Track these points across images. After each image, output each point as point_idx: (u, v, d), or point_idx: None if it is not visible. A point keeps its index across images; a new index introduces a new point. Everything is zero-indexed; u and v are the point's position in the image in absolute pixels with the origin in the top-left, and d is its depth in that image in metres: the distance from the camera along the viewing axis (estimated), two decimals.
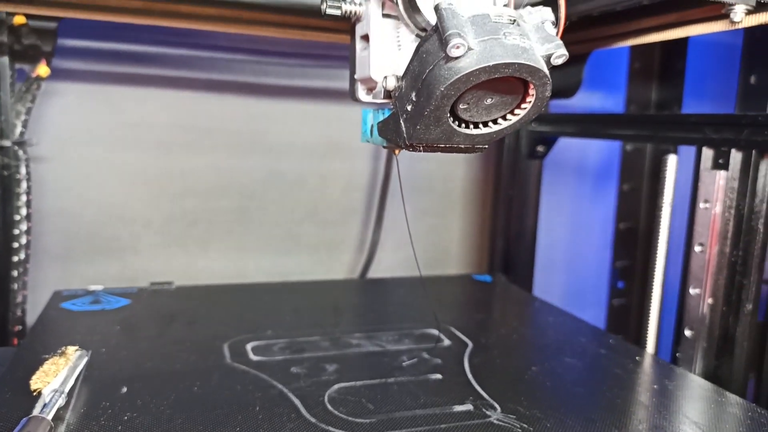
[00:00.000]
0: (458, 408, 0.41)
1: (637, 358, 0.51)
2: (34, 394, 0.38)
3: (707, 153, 0.52)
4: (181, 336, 0.52)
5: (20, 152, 0.68)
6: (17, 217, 0.68)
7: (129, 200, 0.77)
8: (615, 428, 0.39)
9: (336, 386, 0.43)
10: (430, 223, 0.91)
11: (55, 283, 0.74)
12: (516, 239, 0.87)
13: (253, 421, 0.38)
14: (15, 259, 0.68)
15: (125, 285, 0.68)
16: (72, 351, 0.43)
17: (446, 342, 0.53)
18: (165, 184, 0.78)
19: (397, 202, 0.88)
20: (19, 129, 0.68)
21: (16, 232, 0.68)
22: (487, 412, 0.40)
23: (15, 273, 0.68)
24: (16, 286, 0.68)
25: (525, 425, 0.39)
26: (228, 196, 0.81)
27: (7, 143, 0.67)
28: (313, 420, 0.38)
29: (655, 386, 0.45)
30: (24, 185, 0.68)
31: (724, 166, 0.50)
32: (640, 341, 0.64)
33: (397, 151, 0.41)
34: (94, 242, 0.76)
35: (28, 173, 0.69)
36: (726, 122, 0.50)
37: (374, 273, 0.88)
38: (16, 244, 0.68)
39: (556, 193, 0.95)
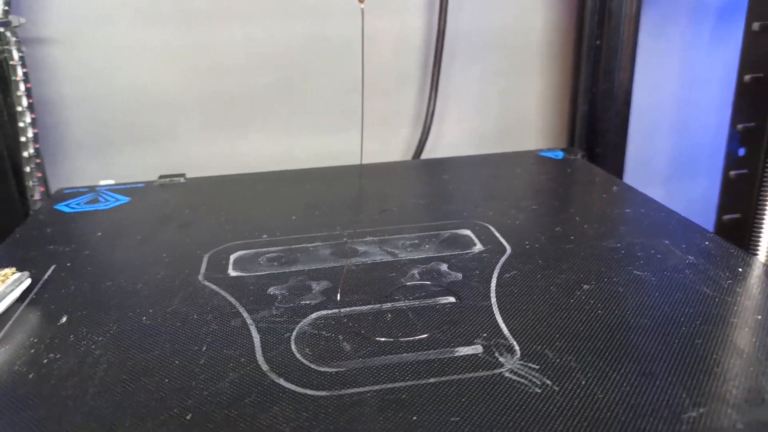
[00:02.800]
0: (462, 351, 0.30)
1: (740, 269, 0.37)
2: None
3: None
4: (163, 244, 0.45)
5: (7, 34, 0.61)
6: (19, 108, 0.62)
7: (159, 82, 0.68)
8: (684, 390, 0.27)
9: (313, 315, 0.34)
10: (498, 88, 0.75)
11: (93, 177, 0.69)
12: (603, 101, 0.70)
13: (189, 366, 0.30)
14: (25, 154, 0.63)
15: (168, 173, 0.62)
16: (4, 276, 0.36)
17: (477, 247, 0.42)
18: (195, 61, 0.68)
19: (459, 64, 0.73)
20: (1, 8, 0.60)
21: (21, 125, 0.62)
22: (500, 359, 0.29)
23: (27, 169, 0.63)
24: (31, 183, 0.64)
25: (548, 382, 0.27)
26: (266, 70, 0.70)
27: None
28: (264, 368, 0.30)
29: (759, 317, 0.32)
30: (20, 72, 0.61)
31: None
32: (756, 231, 0.48)
33: None
34: (129, 131, 0.70)
35: (22, 58, 0.61)
36: None
37: (434, 151, 0.76)
38: (23, 138, 0.63)
39: (661, 37, 0.75)
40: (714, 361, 0.28)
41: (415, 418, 0.26)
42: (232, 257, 0.42)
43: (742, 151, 0.70)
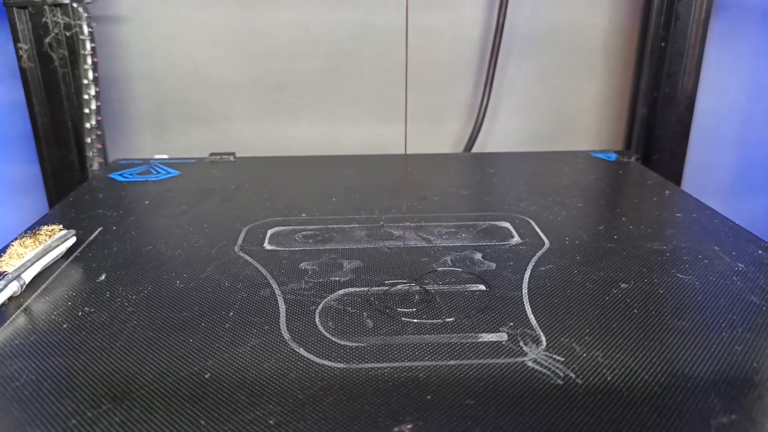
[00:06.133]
0: (486, 337, 0.29)
1: None
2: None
3: None
4: (205, 216, 0.46)
5: (80, 9, 0.63)
6: (85, 81, 0.65)
7: (213, 62, 0.70)
8: (717, 395, 0.25)
9: (341, 291, 0.34)
10: (555, 86, 0.73)
11: (151, 152, 0.72)
12: (664, 105, 0.67)
13: (214, 329, 0.30)
14: (87, 125, 0.66)
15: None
16: (51, 231, 0.37)
17: (514, 239, 0.41)
18: (249, 44, 0.70)
19: (515, 59, 0.72)
20: None
21: (86, 97, 0.65)
22: (525, 348, 0.29)
23: (88, 140, 0.66)
24: (91, 153, 0.66)
25: (571, 374, 0.26)
26: (316, 57, 0.71)
27: (65, 0, 0.62)
28: (286, 336, 0.30)
29: None
30: (88, 46, 0.64)
31: None
32: None
33: None
34: (184, 108, 0.72)
35: (91, 33, 0.64)
36: None
37: (485, 147, 0.75)
38: (86, 110, 0.65)
39: (730, 44, 0.71)
40: (753, 370, 0.27)
41: (429, 397, 0.25)
42: (270, 232, 0.43)
43: None
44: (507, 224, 0.43)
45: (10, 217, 0.75)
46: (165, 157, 0.63)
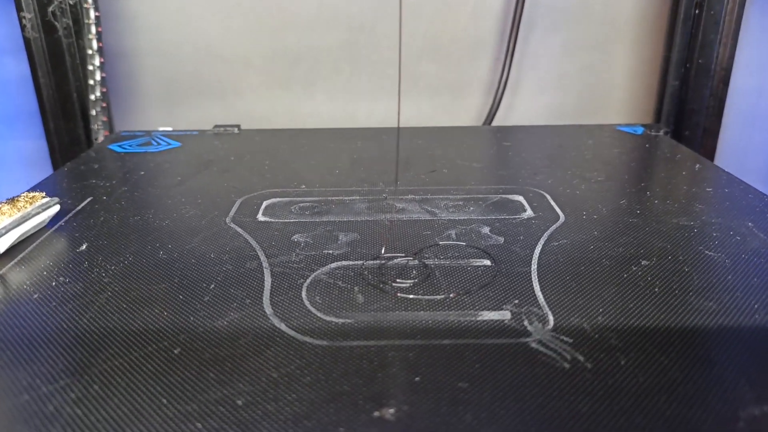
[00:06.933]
0: (487, 315, 0.27)
1: None
2: None
3: None
4: (200, 187, 0.43)
5: None
6: (89, 51, 0.63)
7: (226, 36, 0.68)
8: (748, 383, 0.22)
9: (333, 264, 0.31)
10: (586, 61, 0.69)
11: (158, 126, 0.70)
12: (697, 78, 0.63)
13: (192, 302, 0.28)
14: (92, 97, 0.64)
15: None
16: (31, 199, 0.36)
17: (527, 213, 0.38)
18: (263, 18, 0.67)
19: (538, 33, 0.68)
20: None
21: (90, 68, 0.63)
22: (529, 328, 0.26)
23: (93, 112, 0.64)
24: (96, 126, 0.65)
25: (580, 358, 0.23)
26: (333, 30, 0.68)
27: None
28: (268, 311, 0.27)
29: None
30: (92, 14, 0.62)
31: None
32: None
33: None
34: (195, 83, 0.70)
35: (95, 1, 0.62)
36: None
37: (506, 122, 0.71)
38: (91, 81, 0.64)
39: None
40: None
41: (417, 378, 0.22)
42: (265, 203, 0.40)
43: None
44: (520, 197, 0.40)
45: (19, 192, 0.74)
46: (169, 129, 0.61)
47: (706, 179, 0.43)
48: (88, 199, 0.41)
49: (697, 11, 0.62)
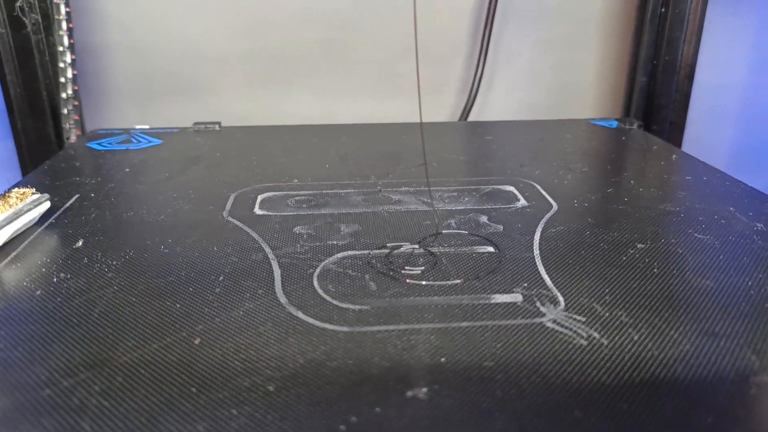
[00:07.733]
0: (500, 298, 0.27)
1: None
2: None
3: None
4: (190, 182, 0.43)
5: None
6: (60, 48, 0.61)
7: (203, 34, 0.67)
8: (755, 353, 0.23)
9: (340, 254, 0.32)
10: (558, 58, 0.71)
11: (133, 125, 0.68)
12: (664, 73, 0.65)
13: (203, 294, 0.28)
14: (63, 95, 0.62)
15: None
16: (22, 195, 0.35)
17: (520, 202, 0.39)
18: (242, 15, 0.66)
19: (512, 30, 0.70)
20: None
21: (61, 65, 0.62)
22: (542, 309, 0.26)
23: (65, 111, 0.63)
24: (67, 125, 0.63)
25: (595, 335, 0.24)
26: (313, 28, 0.68)
27: None
28: (282, 300, 0.27)
29: None
30: (63, 10, 0.61)
31: None
32: None
33: None
34: (170, 81, 0.68)
35: None
36: None
37: (480, 118, 0.72)
38: (62, 79, 0.62)
39: (734, 12, 0.69)
40: None
41: (443, 359, 0.23)
42: (260, 197, 0.40)
43: None
44: (511, 188, 0.41)
45: None
46: (146, 127, 0.59)
47: (683, 169, 0.45)
48: (76, 197, 0.40)
49: (663, 9, 0.65)
